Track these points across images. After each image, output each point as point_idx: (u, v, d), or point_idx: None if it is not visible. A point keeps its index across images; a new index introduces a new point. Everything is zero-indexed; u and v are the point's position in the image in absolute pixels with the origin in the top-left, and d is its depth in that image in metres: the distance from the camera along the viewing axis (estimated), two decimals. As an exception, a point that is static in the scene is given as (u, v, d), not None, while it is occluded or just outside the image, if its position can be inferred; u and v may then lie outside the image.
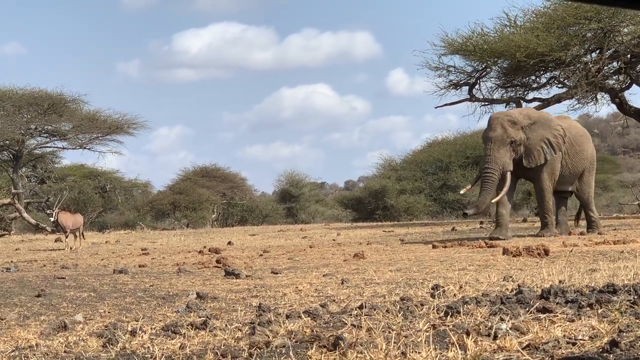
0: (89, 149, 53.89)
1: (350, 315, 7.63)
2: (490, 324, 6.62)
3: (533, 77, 41.45)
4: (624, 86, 40.04)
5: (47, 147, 55.38)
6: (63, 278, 12.66)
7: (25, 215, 41.30)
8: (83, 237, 26.41)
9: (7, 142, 50.48)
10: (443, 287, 9.59)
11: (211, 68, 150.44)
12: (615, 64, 39.21)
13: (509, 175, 22.58)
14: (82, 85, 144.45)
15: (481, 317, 7.28)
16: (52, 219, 25.01)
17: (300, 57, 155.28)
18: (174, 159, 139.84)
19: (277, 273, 13.41)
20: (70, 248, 24.25)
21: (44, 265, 16.94)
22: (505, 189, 22.51)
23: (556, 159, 23.51)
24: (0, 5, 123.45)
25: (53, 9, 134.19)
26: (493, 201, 22.77)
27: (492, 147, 22.66)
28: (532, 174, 23.65)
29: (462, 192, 26.31)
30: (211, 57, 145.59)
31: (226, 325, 7.51)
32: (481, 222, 35.61)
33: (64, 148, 55.25)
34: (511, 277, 11.03)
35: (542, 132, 23.13)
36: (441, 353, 5.81)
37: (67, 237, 25.00)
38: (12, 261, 18.63)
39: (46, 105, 50.64)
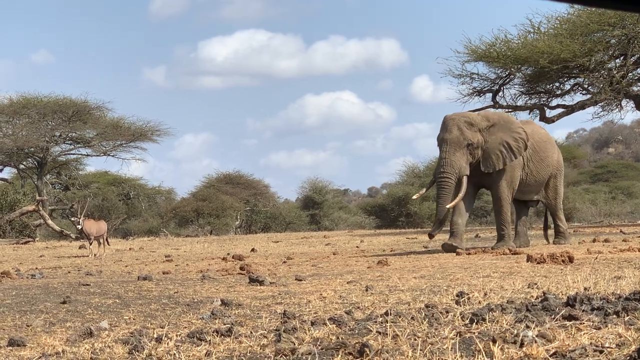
0: (112, 156, 54.12)
1: (376, 322, 7.62)
2: (516, 331, 6.59)
3: (557, 84, 41.36)
4: (648, 92, 39.86)
5: (71, 154, 55.70)
6: (88, 285, 12.70)
7: (49, 222, 41.45)
8: (107, 243, 26.48)
9: (32, 149, 50.76)
10: (468, 294, 9.57)
11: (237, 75, 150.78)
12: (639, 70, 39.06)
13: (465, 180, 21.07)
14: (108, 92, 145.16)
15: (507, 324, 7.26)
16: (78, 227, 25.08)
17: (326, 64, 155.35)
18: (198, 166, 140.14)
19: (301, 280, 13.41)
20: (95, 255, 24.32)
21: (69, 272, 17.00)
22: (461, 194, 21.02)
23: (516, 166, 21.78)
24: (30, 15, 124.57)
25: (81, 17, 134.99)
26: (448, 206, 21.09)
27: (447, 150, 21.12)
28: (490, 181, 21.89)
29: (414, 197, 24.95)
30: (237, 64, 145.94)
31: (251, 332, 7.52)
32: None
33: (88, 155, 55.57)
34: (536, 284, 10.99)
35: (501, 135, 21.47)
36: (467, 360, 5.80)
37: (91, 244, 25.07)
38: (37, 268, 18.71)
39: (70, 112, 50.89)
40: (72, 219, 28.09)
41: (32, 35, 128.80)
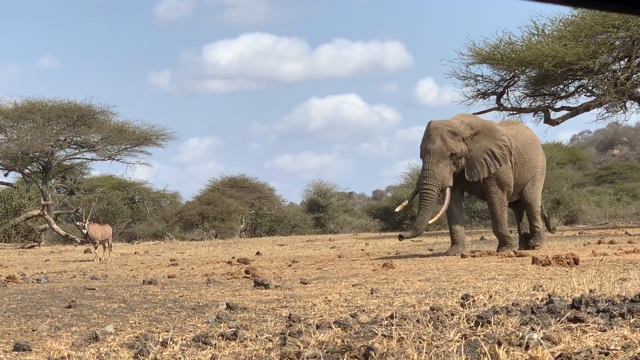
0: (117, 160, 54.14)
1: (381, 325, 7.62)
2: (521, 333, 6.59)
3: (561, 86, 41.33)
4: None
5: (76, 158, 55.76)
6: (93, 289, 12.70)
7: (54, 226, 41.49)
8: (111, 248, 26.49)
9: (37, 153, 50.80)
10: (473, 296, 9.57)
11: (241, 79, 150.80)
12: (644, 72, 39.04)
13: (448, 191, 20.77)
14: (113, 96, 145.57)
15: (512, 327, 7.26)
16: (83, 231, 25.09)
17: (331, 67, 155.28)
18: (203, 169, 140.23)
19: (306, 283, 13.41)
20: (100, 259, 24.34)
21: (74, 276, 17.02)
22: (445, 206, 20.82)
23: (506, 170, 21.31)
24: (37, 21, 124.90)
25: (86, 22, 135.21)
26: (431, 222, 21.02)
27: (430, 160, 20.75)
28: (479, 188, 21.67)
29: (397, 209, 23.78)
30: (242, 68, 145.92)
31: (257, 335, 7.52)
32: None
33: (92, 159, 55.62)
34: (541, 286, 10.99)
35: (485, 143, 21.12)
36: (472, 363, 5.80)
37: (96, 248, 25.09)
38: (42, 272, 18.73)
39: (75, 116, 50.94)
40: (78, 223, 28.12)
41: (38, 40, 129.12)
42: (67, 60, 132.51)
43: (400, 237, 21.65)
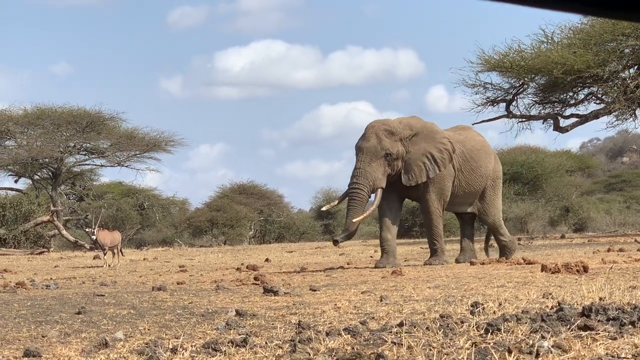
0: (127, 166, 54.19)
1: (390, 332, 7.62)
2: (531, 341, 6.58)
3: (570, 94, 41.31)
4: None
5: (85, 164, 55.81)
6: (102, 295, 12.72)
7: (64, 232, 41.55)
8: (121, 254, 26.52)
9: (47, 160, 50.88)
10: (482, 304, 9.56)
11: (253, 86, 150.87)
12: (654, 79, 38.99)
13: (380, 192, 19.71)
14: (125, 102, 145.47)
15: (522, 334, 7.25)
16: (93, 237, 25.11)
17: (343, 74, 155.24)
18: (213, 176, 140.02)
19: (315, 290, 13.40)
20: (109, 265, 24.36)
21: (83, 283, 17.03)
22: (373, 207, 20.04)
23: (446, 177, 20.25)
24: (51, 27, 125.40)
25: (100, 28, 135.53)
26: (355, 220, 19.64)
27: (362, 159, 19.59)
28: (417, 194, 20.48)
29: (324, 208, 23.36)
30: (253, 75, 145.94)
31: (266, 342, 7.52)
32: (519, 239, 35.43)
33: (102, 165, 55.62)
34: (551, 294, 10.97)
35: (424, 145, 19.93)
36: (482, 371, 5.80)
37: (105, 254, 25.12)
38: (51, 278, 18.74)
39: (85, 123, 51.02)
40: (87, 230, 28.16)
41: (51, 47, 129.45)
42: (80, 66, 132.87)
43: (335, 242, 20.91)
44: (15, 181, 53.83)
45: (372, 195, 20.17)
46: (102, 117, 51.89)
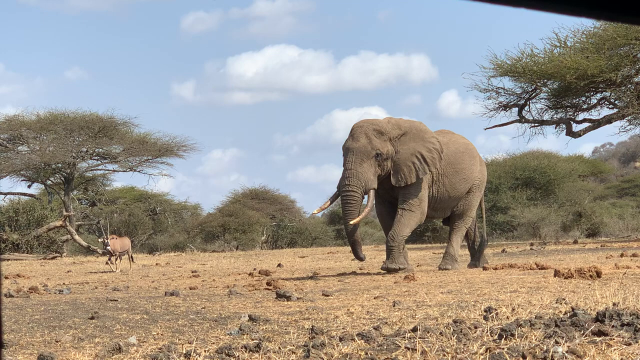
0: (139, 171, 54.30)
1: (404, 337, 7.61)
2: (545, 347, 6.57)
3: (583, 98, 41.28)
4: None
5: (98, 169, 55.94)
6: (115, 300, 12.74)
7: (76, 237, 41.64)
8: (132, 259, 26.56)
9: (59, 165, 51.01)
10: (495, 309, 9.54)
11: (265, 91, 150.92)
12: (667, 84, 38.93)
13: (372, 193, 19.12)
14: (138, 107, 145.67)
15: (536, 340, 7.23)
16: (108, 248, 25.10)
17: (356, 79, 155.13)
18: (226, 181, 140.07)
19: (328, 295, 13.41)
20: (120, 270, 24.40)
21: (96, 288, 17.06)
22: (368, 209, 19.34)
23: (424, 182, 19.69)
24: (64, 33, 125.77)
25: (113, 34, 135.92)
26: (351, 223, 18.94)
27: (353, 160, 18.94)
28: (395, 195, 19.81)
29: (314, 212, 22.55)
30: (266, 80, 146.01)
31: (280, 348, 7.52)
32: (531, 244, 35.36)
33: (114, 171, 55.76)
34: (564, 299, 10.94)
35: (414, 145, 19.42)
36: (497, 376, 5.78)
37: (116, 260, 25.16)
38: (64, 283, 18.78)
39: (97, 128, 51.14)
40: (100, 240, 28.26)
41: (65, 53, 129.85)
42: (93, 72, 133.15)
43: (360, 259, 20.27)
44: (28, 186, 54.05)
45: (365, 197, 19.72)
46: (114, 122, 52.02)
